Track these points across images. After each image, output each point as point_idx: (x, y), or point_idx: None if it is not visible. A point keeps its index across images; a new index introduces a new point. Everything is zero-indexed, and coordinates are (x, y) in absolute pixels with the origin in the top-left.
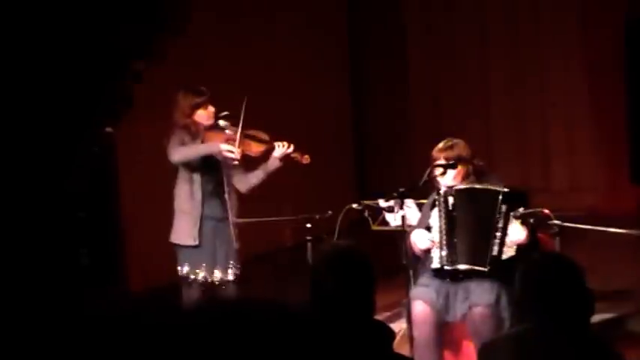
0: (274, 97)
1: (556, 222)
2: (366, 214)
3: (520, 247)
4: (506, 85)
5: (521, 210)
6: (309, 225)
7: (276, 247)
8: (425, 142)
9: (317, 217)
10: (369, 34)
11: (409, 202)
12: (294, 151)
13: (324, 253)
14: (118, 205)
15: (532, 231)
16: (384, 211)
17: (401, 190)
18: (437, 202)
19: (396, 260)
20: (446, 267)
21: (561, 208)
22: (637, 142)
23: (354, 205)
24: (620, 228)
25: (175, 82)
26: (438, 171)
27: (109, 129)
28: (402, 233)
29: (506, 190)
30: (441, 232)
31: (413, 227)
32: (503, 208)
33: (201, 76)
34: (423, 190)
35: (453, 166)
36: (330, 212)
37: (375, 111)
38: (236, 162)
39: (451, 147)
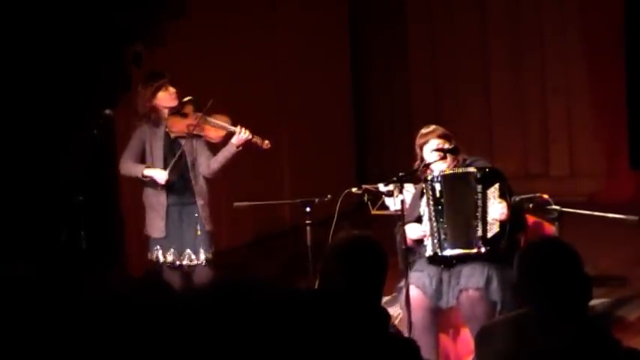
0: (275, 82)
1: (555, 207)
2: (366, 198)
3: (503, 223)
4: (506, 71)
5: (496, 185)
6: (308, 209)
7: (274, 231)
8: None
9: (316, 200)
10: (370, 20)
11: (409, 187)
12: (254, 136)
13: (338, 242)
14: (118, 188)
15: (518, 209)
16: (383, 196)
17: (400, 174)
18: (424, 191)
19: (394, 245)
20: (438, 254)
21: (561, 194)
22: (636, 128)
23: (354, 190)
24: (618, 213)
25: (174, 65)
26: (436, 156)
27: (108, 111)
28: (402, 218)
29: (475, 170)
30: (430, 219)
31: (405, 221)
32: (479, 187)
33: (202, 61)
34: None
35: (453, 151)
36: (329, 196)
37: (376, 96)
38: (162, 183)
39: (433, 131)
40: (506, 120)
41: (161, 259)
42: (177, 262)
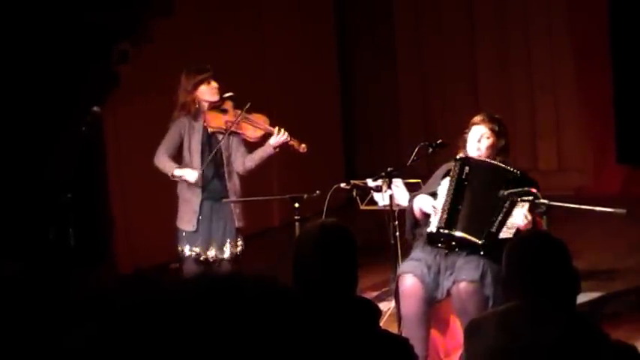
0: (263, 79)
1: (543, 201)
2: (355, 193)
3: (520, 232)
4: (493, 67)
5: (530, 198)
6: (297, 205)
7: (264, 227)
8: (413, 124)
9: (305, 196)
10: (358, 18)
11: (397, 182)
12: (292, 139)
13: (306, 231)
14: (106, 186)
15: (534, 219)
16: (372, 191)
17: (389, 169)
18: (454, 168)
19: (384, 240)
20: (442, 230)
21: (549, 188)
22: (623, 123)
23: (343, 185)
24: (606, 207)
25: (163, 64)
26: (480, 138)
27: (96, 108)
28: (391, 213)
29: (518, 173)
30: (448, 195)
31: (418, 192)
32: (514, 191)
33: (189, 59)
34: (411, 169)
35: (441, 146)
36: (318, 192)
37: (364, 95)
38: (194, 183)
39: (489, 120)
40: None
41: (187, 252)
42: (203, 256)
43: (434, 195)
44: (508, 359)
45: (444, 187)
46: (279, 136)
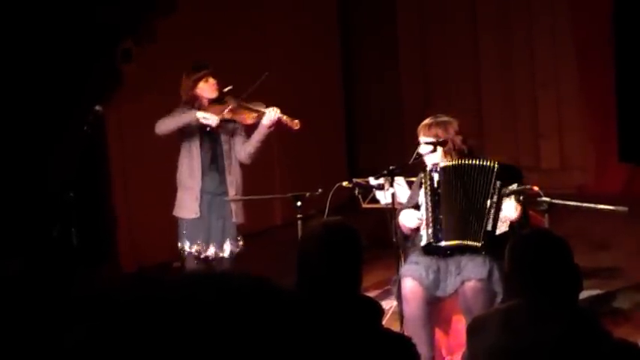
0: (266, 78)
1: (545, 199)
2: (357, 192)
3: (513, 224)
4: (496, 65)
5: (512, 187)
6: (299, 203)
7: (266, 226)
8: (415, 122)
9: (307, 194)
10: (361, 17)
11: (399, 180)
12: (284, 115)
13: (311, 229)
14: (109, 184)
15: (523, 208)
16: (374, 189)
17: (391, 167)
18: (422, 181)
19: (386, 238)
20: (433, 244)
21: (551, 186)
22: (625, 121)
23: (345, 183)
24: (608, 205)
25: (165, 62)
26: (428, 148)
27: (98, 107)
28: (393, 211)
29: (497, 165)
30: (427, 209)
31: (402, 206)
32: (498, 183)
33: (193, 56)
34: (413, 168)
35: (442, 144)
36: (320, 190)
37: (366, 89)
38: (213, 126)
39: (429, 125)
40: (497, 115)
41: (187, 249)
42: (204, 254)
43: (417, 207)
44: (510, 358)
45: (422, 197)
46: (270, 115)
